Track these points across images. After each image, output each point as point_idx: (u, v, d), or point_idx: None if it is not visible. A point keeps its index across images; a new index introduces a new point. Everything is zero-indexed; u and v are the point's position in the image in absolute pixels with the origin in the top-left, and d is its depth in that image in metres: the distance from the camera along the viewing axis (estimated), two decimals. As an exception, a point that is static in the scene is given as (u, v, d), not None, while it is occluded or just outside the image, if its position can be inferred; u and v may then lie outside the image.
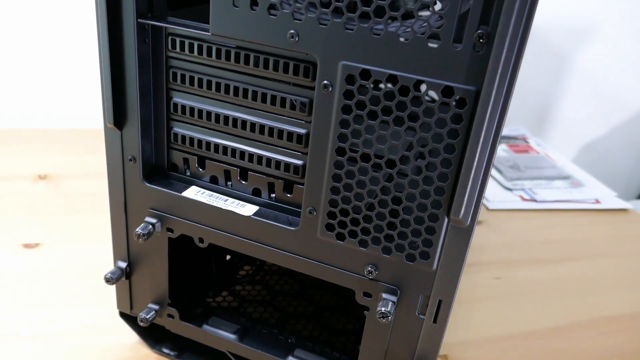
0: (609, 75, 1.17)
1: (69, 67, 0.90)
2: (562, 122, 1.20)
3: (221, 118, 0.40)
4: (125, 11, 0.38)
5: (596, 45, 1.12)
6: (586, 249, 0.75)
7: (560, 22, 1.10)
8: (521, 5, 0.28)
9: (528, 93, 1.16)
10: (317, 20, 0.33)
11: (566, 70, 1.15)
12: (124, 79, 0.40)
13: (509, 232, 0.77)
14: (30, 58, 0.88)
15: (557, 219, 0.82)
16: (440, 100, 0.32)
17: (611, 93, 1.19)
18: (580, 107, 1.20)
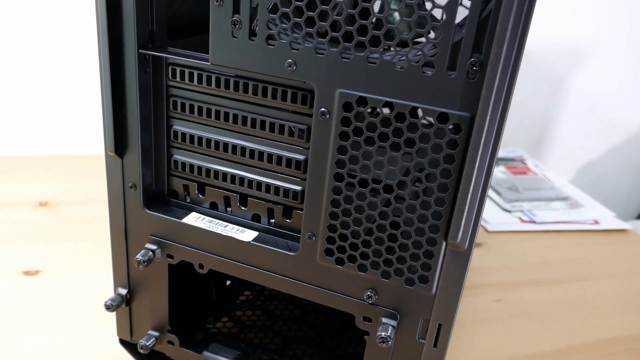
0: (605, 96, 1.18)
1: (69, 94, 0.91)
2: (560, 143, 1.21)
3: (221, 145, 0.40)
4: (126, 42, 0.38)
5: (591, 66, 1.14)
6: (586, 270, 0.75)
7: (555, 45, 1.11)
8: (512, 34, 0.29)
9: (525, 115, 1.17)
10: (314, 49, 0.34)
11: (562, 91, 1.16)
12: (125, 107, 0.40)
13: (509, 254, 0.77)
14: (31, 86, 0.89)
15: (556, 240, 0.82)
16: (435, 126, 0.32)
17: (607, 114, 1.20)
18: (577, 128, 1.21)
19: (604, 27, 1.10)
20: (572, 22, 1.09)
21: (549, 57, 1.13)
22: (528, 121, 1.18)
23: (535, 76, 1.14)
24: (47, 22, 0.84)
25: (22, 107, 0.90)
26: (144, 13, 0.38)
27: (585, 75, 1.15)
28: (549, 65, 1.13)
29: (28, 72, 0.88)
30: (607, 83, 1.16)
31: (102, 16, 0.37)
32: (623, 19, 1.09)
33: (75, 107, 0.92)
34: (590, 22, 1.09)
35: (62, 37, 0.86)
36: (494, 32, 0.29)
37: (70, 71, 0.89)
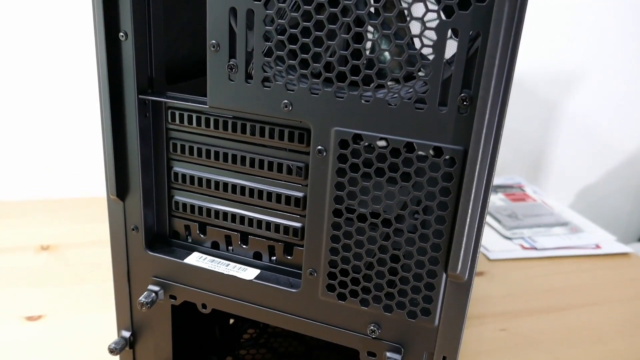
0: (599, 120, 1.19)
1: (68, 138, 0.92)
2: (557, 168, 1.22)
3: (220, 185, 0.41)
4: (126, 88, 0.40)
5: (583, 91, 1.16)
6: (590, 296, 0.75)
7: (547, 71, 1.13)
8: (499, 69, 0.30)
9: (521, 141, 1.18)
10: (309, 90, 0.35)
11: (556, 117, 1.18)
12: (126, 151, 0.41)
13: (512, 282, 0.77)
14: (31, 130, 0.90)
15: (558, 266, 0.82)
16: (430, 160, 0.33)
17: (602, 137, 1.21)
18: (574, 153, 1.22)
19: (594, 51, 1.12)
20: (562, 48, 1.11)
21: (542, 84, 1.14)
22: (524, 148, 1.19)
23: (528, 103, 1.15)
24: (47, 67, 0.86)
25: (22, 151, 0.91)
26: (143, 59, 0.40)
27: (577, 100, 1.17)
28: (542, 91, 1.15)
29: (28, 117, 0.89)
30: (599, 107, 1.18)
31: (102, 63, 0.38)
32: (612, 42, 1.11)
33: (75, 151, 0.93)
34: (580, 47, 1.11)
35: (62, 81, 0.88)
36: (482, 68, 0.30)
37: (69, 114, 0.90)
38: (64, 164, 0.93)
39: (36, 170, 0.93)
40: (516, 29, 0.29)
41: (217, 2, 0.35)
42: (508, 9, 0.28)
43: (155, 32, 0.40)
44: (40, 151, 0.92)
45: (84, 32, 0.77)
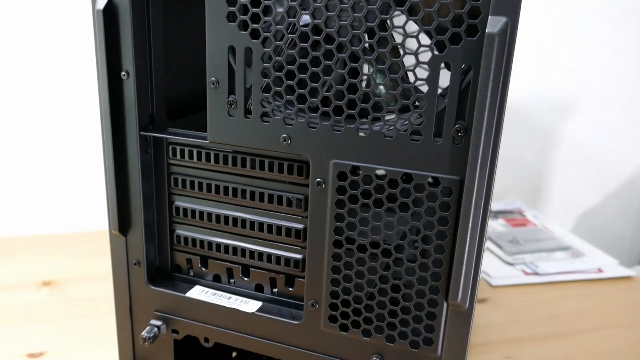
0: (596, 144, 1.20)
1: (69, 173, 0.93)
2: (557, 193, 1.22)
3: (221, 218, 0.41)
4: (128, 125, 0.40)
5: (579, 116, 1.17)
6: (594, 321, 0.74)
7: (542, 98, 1.15)
8: (492, 101, 0.30)
9: (520, 167, 1.19)
10: (307, 124, 0.35)
11: (553, 142, 1.18)
12: (128, 187, 0.42)
13: (515, 308, 0.76)
14: (32, 166, 0.91)
15: (561, 291, 0.82)
16: (427, 190, 0.34)
17: (601, 161, 1.22)
18: (572, 177, 1.22)
19: (589, 76, 1.14)
20: (557, 74, 1.13)
21: (537, 110, 1.16)
22: (523, 173, 1.20)
23: (525, 128, 1.16)
24: (48, 103, 0.87)
25: (24, 187, 0.92)
26: (145, 97, 0.40)
27: (574, 125, 1.18)
28: (538, 117, 1.16)
29: (29, 153, 0.90)
30: (597, 131, 1.19)
31: (104, 101, 0.39)
32: (607, 67, 1.13)
33: (77, 186, 0.93)
34: (575, 73, 1.13)
35: (64, 117, 0.89)
36: (475, 100, 0.31)
37: (71, 150, 0.91)
38: (66, 200, 0.94)
39: (38, 206, 0.93)
40: (506, 61, 0.30)
41: (216, 40, 0.36)
42: (498, 43, 0.29)
43: (156, 71, 0.41)
44: (43, 187, 0.93)
45: (87, 70, 0.78)
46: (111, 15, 0.37)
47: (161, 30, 0.40)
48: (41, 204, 0.95)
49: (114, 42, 0.38)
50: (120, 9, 0.37)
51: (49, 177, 0.93)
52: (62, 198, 0.95)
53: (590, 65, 1.13)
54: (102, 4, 0.37)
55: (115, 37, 0.38)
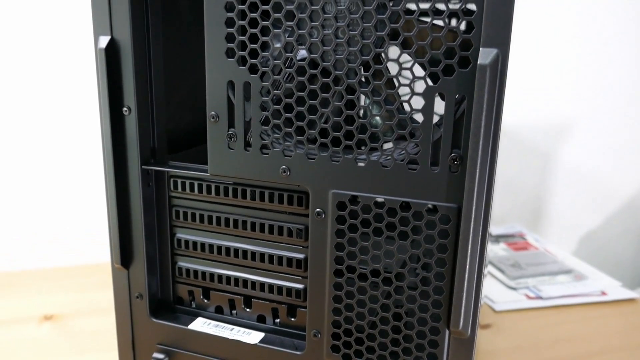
0: (595, 165, 1.21)
1: (74, 206, 0.93)
2: (557, 215, 1.22)
3: (223, 250, 0.42)
4: (130, 159, 0.41)
5: (576, 139, 1.18)
6: (598, 345, 0.74)
7: (538, 122, 1.16)
8: (486, 129, 0.31)
9: (519, 191, 1.19)
10: (305, 155, 0.36)
11: (551, 165, 1.19)
12: (130, 221, 0.42)
13: (519, 333, 0.76)
14: (35, 200, 0.91)
15: (565, 315, 0.81)
16: (426, 218, 0.34)
17: (601, 183, 1.22)
18: (572, 199, 1.23)
19: (584, 99, 1.15)
20: (553, 97, 1.14)
21: (534, 134, 1.17)
22: (523, 197, 1.20)
23: (523, 152, 1.17)
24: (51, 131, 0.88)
25: (25, 221, 0.92)
26: (146, 131, 0.41)
27: (572, 147, 1.19)
28: (536, 140, 1.17)
29: (30, 187, 0.91)
30: (595, 153, 1.20)
31: (106, 136, 0.40)
32: (602, 90, 1.14)
33: (79, 220, 0.94)
34: (571, 96, 1.14)
35: (66, 151, 0.90)
36: (470, 128, 0.31)
37: (72, 184, 0.92)
38: (68, 233, 0.94)
39: (39, 240, 0.94)
40: (499, 91, 0.31)
41: (215, 76, 0.37)
42: (489, 73, 0.30)
43: (157, 106, 0.41)
44: (45, 221, 0.93)
45: (90, 105, 0.80)
46: (113, 53, 0.38)
47: (162, 66, 0.41)
48: (43, 238, 0.95)
49: (116, 79, 0.39)
50: (122, 47, 0.38)
51: (50, 210, 0.94)
52: (64, 231, 0.95)
53: (586, 88, 1.15)
54: (104, 42, 0.38)
55: (117, 74, 0.39)
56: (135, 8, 0.38)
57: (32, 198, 0.92)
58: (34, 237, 0.94)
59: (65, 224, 0.95)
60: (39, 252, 0.95)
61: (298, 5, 0.34)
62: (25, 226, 0.93)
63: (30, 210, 0.93)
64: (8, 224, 0.92)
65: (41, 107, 0.86)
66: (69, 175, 0.92)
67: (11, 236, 0.93)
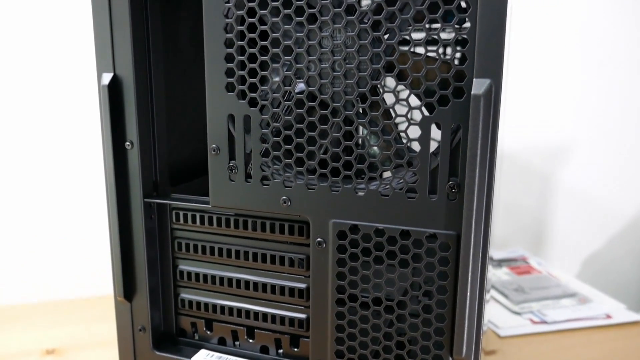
0: (595, 187, 1.21)
1: (75, 239, 0.93)
2: (559, 238, 1.22)
3: (225, 280, 0.42)
4: (132, 192, 0.42)
5: (576, 161, 1.18)
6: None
7: (537, 145, 1.17)
8: (482, 157, 0.32)
9: (521, 214, 1.19)
10: (305, 185, 0.36)
11: (552, 188, 1.19)
12: (132, 254, 0.42)
13: (524, 359, 0.75)
14: (37, 233, 0.92)
15: (570, 339, 0.81)
16: (425, 246, 0.34)
17: (601, 204, 1.22)
18: (574, 221, 1.23)
19: (583, 121, 1.16)
20: (551, 119, 1.15)
21: (534, 157, 1.17)
22: (524, 220, 1.20)
23: (523, 176, 1.18)
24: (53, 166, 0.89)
25: (26, 253, 0.92)
26: (148, 165, 0.42)
27: (571, 169, 1.20)
28: (535, 164, 1.18)
29: (32, 219, 0.91)
30: (594, 174, 1.20)
31: (109, 170, 0.41)
32: (600, 112, 1.15)
33: (81, 252, 0.94)
34: (568, 118, 1.15)
35: (67, 184, 0.90)
36: (466, 157, 0.32)
37: (75, 217, 0.92)
38: (70, 266, 0.94)
39: (41, 273, 0.93)
40: (493, 120, 0.31)
41: (216, 109, 0.37)
42: (483, 103, 0.31)
43: (159, 139, 0.42)
44: (46, 253, 0.93)
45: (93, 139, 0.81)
46: (116, 90, 0.39)
47: (164, 101, 0.42)
48: (44, 271, 0.95)
49: (118, 115, 0.40)
50: (124, 83, 0.39)
51: (53, 243, 0.94)
52: (67, 264, 0.95)
53: (586, 110, 1.16)
54: (107, 79, 0.39)
55: (119, 110, 0.40)
56: (137, 45, 0.39)
57: (34, 231, 0.92)
58: (36, 270, 0.94)
59: (68, 257, 0.95)
60: (41, 285, 0.95)
61: (295, 40, 0.35)
62: (26, 259, 0.93)
63: (32, 243, 0.93)
64: (9, 256, 0.92)
65: (41, 145, 0.87)
66: (71, 207, 0.92)
67: (12, 269, 0.93)
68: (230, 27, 0.36)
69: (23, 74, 0.82)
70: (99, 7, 0.39)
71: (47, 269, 0.94)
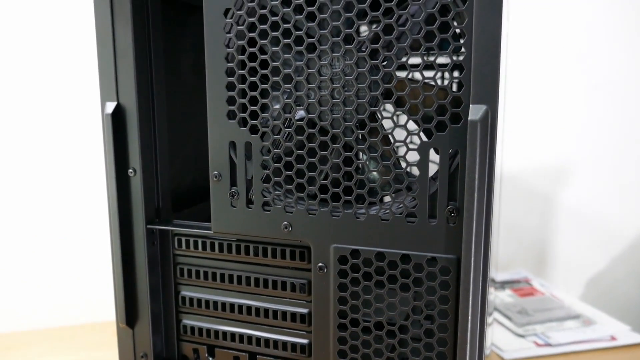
0: (596, 206, 1.21)
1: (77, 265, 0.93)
2: (562, 259, 1.22)
3: (227, 306, 0.42)
4: (135, 219, 0.42)
5: (576, 181, 1.18)
6: (612, 392, 0.72)
7: (538, 165, 1.17)
8: (480, 182, 0.32)
9: (523, 235, 1.19)
10: (306, 211, 0.37)
11: (553, 208, 1.20)
12: (134, 280, 0.43)
13: (530, 382, 0.74)
14: (38, 259, 0.92)
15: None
16: (426, 270, 0.35)
17: (603, 224, 1.22)
18: (576, 242, 1.22)
19: (584, 142, 1.16)
20: (551, 140, 1.16)
21: (534, 177, 1.18)
22: (527, 241, 1.20)
23: (524, 196, 1.18)
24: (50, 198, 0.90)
25: (25, 280, 0.92)
26: (151, 192, 0.42)
27: (572, 189, 1.20)
28: (536, 184, 1.18)
29: (34, 245, 0.91)
30: (595, 194, 1.20)
31: (112, 197, 0.41)
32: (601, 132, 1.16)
33: (82, 278, 0.94)
34: (569, 139, 1.16)
35: (67, 211, 0.91)
36: (465, 181, 0.32)
37: (77, 243, 0.92)
38: (71, 291, 0.94)
39: (41, 300, 0.93)
40: (490, 145, 0.32)
41: (217, 137, 0.38)
42: (480, 129, 0.31)
43: (162, 166, 0.43)
44: (48, 279, 0.93)
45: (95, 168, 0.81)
46: (119, 118, 0.40)
47: (166, 128, 0.43)
48: (45, 297, 0.95)
49: (122, 142, 0.41)
50: (127, 112, 0.40)
51: (54, 269, 0.94)
52: (68, 289, 0.95)
53: (587, 130, 1.16)
54: (111, 108, 0.40)
55: (123, 138, 0.40)
56: (140, 74, 0.40)
57: (35, 257, 0.92)
58: (36, 296, 0.94)
59: (69, 282, 0.95)
60: (41, 312, 0.94)
61: (295, 69, 0.35)
62: (27, 285, 0.93)
63: (33, 269, 0.93)
64: (9, 283, 0.92)
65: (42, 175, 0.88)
66: (72, 233, 0.92)
67: (12, 296, 0.92)
68: (231, 57, 0.37)
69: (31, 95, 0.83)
70: (103, 38, 0.40)
71: (48, 296, 0.94)
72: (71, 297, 0.95)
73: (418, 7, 0.32)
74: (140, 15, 0.40)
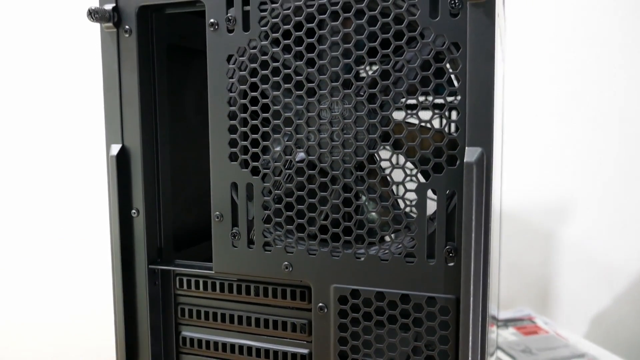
0: (598, 242, 1.21)
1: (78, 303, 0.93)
2: (565, 296, 1.21)
3: (227, 347, 0.42)
4: (137, 259, 0.42)
5: (577, 217, 1.18)
6: None
7: (538, 202, 1.17)
8: (477, 223, 0.33)
9: (525, 272, 1.18)
10: (306, 251, 0.37)
11: (555, 245, 1.19)
12: (135, 320, 0.43)
13: None
14: (40, 297, 0.92)
15: (581, 402, 0.79)
16: (425, 310, 0.35)
17: (605, 261, 1.22)
18: (579, 279, 1.21)
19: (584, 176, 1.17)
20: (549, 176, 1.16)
21: (535, 214, 1.18)
22: (529, 278, 1.19)
23: (525, 233, 1.18)
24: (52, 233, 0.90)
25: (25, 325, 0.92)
26: (153, 232, 0.43)
27: (574, 226, 1.20)
28: (537, 221, 1.18)
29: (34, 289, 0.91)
30: (596, 230, 1.20)
31: (115, 237, 0.42)
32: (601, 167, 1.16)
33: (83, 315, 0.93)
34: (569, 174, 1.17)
35: (68, 251, 0.91)
36: (462, 221, 0.33)
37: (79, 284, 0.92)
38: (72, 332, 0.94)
39: (42, 338, 0.93)
40: (486, 186, 0.33)
41: (219, 178, 0.39)
42: (476, 170, 0.32)
43: (164, 207, 0.43)
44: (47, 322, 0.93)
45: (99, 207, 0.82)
46: (124, 160, 0.41)
47: (169, 170, 0.44)
48: (46, 336, 0.94)
49: (125, 183, 0.41)
50: (132, 154, 0.41)
51: (55, 311, 0.94)
52: (69, 329, 0.94)
53: (586, 164, 1.17)
54: (115, 150, 0.41)
55: (126, 179, 0.41)
56: (145, 118, 0.41)
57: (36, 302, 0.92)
58: (37, 336, 0.93)
59: (70, 323, 0.94)
60: (44, 352, 0.93)
61: (296, 112, 0.36)
62: (27, 328, 0.93)
63: (34, 314, 0.93)
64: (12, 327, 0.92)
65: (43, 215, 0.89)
66: (73, 272, 0.92)
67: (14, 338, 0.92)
68: (233, 100, 0.38)
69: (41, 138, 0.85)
70: (109, 82, 0.41)
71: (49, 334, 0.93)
72: (73, 336, 0.94)
73: (414, 53, 0.33)
74: (146, 61, 0.41)
